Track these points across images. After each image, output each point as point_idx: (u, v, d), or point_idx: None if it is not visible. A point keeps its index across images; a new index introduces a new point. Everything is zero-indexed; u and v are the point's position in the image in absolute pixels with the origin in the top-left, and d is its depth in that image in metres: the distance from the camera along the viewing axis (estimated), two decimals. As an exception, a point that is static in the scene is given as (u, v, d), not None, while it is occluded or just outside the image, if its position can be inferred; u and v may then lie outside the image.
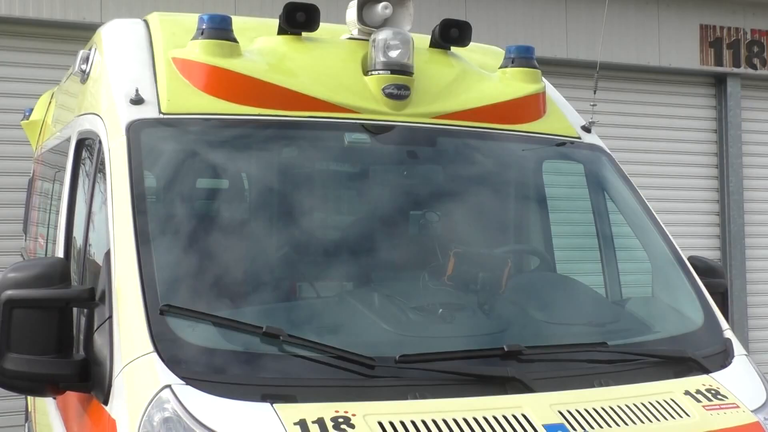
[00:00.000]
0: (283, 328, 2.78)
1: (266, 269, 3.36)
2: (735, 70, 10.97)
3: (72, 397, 3.21)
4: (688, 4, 10.78)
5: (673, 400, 2.93)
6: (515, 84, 3.91)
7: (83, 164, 3.95)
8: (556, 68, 9.01)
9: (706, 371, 3.16)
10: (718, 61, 10.92)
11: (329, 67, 3.61)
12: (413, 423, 2.56)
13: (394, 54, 3.52)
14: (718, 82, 11.10)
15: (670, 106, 10.87)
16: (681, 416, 2.87)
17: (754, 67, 11.08)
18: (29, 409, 5.92)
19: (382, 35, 3.54)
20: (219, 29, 3.45)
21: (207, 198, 3.64)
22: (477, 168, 3.83)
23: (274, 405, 2.54)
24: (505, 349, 2.92)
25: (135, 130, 3.24)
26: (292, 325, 2.99)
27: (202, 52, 3.43)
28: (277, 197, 3.59)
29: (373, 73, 3.54)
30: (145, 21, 3.91)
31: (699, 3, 10.83)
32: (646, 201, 3.94)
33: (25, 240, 7.24)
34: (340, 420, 2.52)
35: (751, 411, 3.02)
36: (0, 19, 8.09)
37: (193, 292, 2.97)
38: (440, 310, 3.26)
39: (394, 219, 3.72)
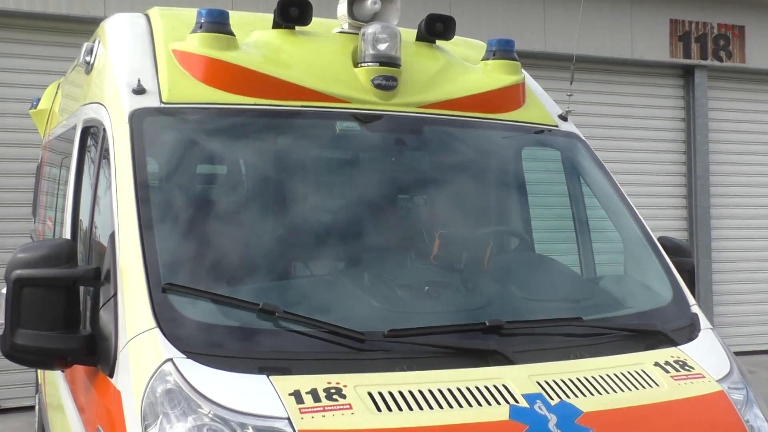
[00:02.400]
0: (279, 305, 2.78)
1: (262, 250, 3.35)
2: (702, 62, 11.00)
3: (79, 370, 3.20)
4: (659, 0, 10.77)
5: (643, 371, 2.95)
6: (496, 75, 3.90)
7: (88, 151, 3.93)
8: (534, 61, 9.01)
9: (675, 344, 3.18)
10: (687, 54, 10.94)
11: (321, 59, 3.59)
12: (401, 393, 2.57)
13: (382, 47, 3.50)
14: (687, 73, 11.13)
15: (641, 96, 10.90)
16: (651, 386, 2.89)
17: (720, 59, 11.11)
18: (39, 382, 5.92)
19: (371, 29, 3.52)
20: (217, 23, 3.43)
21: (206, 183, 3.63)
22: (461, 154, 3.82)
23: (270, 377, 2.55)
24: (487, 324, 2.92)
25: (137, 119, 3.22)
26: (287, 302, 2.98)
27: (200, 44, 3.41)
28: (273, 182, 3.58)
29: (362, 65, 3.53)
30: (147, 15, 3.87)
31: (669, -1, 10.84)
32: (618, 185, 3.95)
33: (34, 222, 7.21)
34: (332, 391, 2.53)
35: (716, 381, 3.04)
36: (8, 13, 8.04)
37: (193, 271, 2.96)
38: (426, 287, 3.26)
39: (383, 203, 3.71)
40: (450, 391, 2.62)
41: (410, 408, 2.53)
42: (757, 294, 11.33)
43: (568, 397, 2.70)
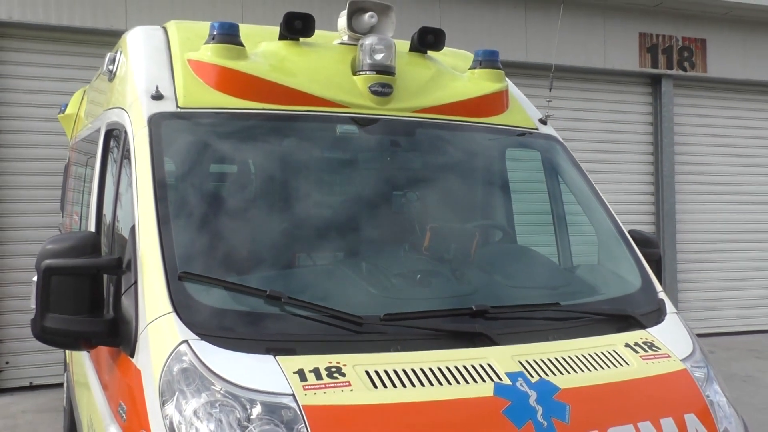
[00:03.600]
0: (284, 291, 2.76)
1: (270, 242, 3.34)
2: (669, 72, 11.01)
3: (103, 350, 3.20)
4: (629, 15, 10.78)
5: (615, 351, 2.95)
6: (482, 83, 3.89)
7: (111, 152, 3.91)
8: (517, 70, 8.99)
9: (643, 327, 3.17)
10: (655, 64, 10.95)
11: (323, 68, 3.57)
12: (395, 371, 2.57)
13: (378, 57, 3.49)
14: (654, 82, 11.13)
15: (613, 102, 10.92)
16: (621, 365, 2.89)
17: (685, 69, 11.12)
18: (67, 361, 5.91)
19: (369, 41, 3.51)
20: (228, 35, 3.41)
21: (218, 180, 3.61)
22: (450, 155, 3.81)
23: (276, 357, 2.54)
24: (474, 308, 2.91)
25: (156, 122, 3.21)
26: (291, 289, 2.96)
27: (213, 54, 3.39)
28: (279, 180, 3.57)
29: (360, 73, 3.52)
30: (164, 28, 3.86)
31: (638, 14, 10.84)
32: (593, 182, 3.95)
33: (62, 217, 7.19)
34: (333, 369, 2.52)
35: (680, 360, 3.04)
36: (38, 26, 8.02)
37: (206, 261, 2.95)
38: (418, 276, 3.26)
39: (379, 199, 3.71)
40: (440, 369, 2.61)
41: (404, 385, 2.52)
42: (718, 282, 11.36)
43: (546, 375, 2.70)
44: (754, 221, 11.61)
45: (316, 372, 2.50)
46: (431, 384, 2.55)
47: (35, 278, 2.78)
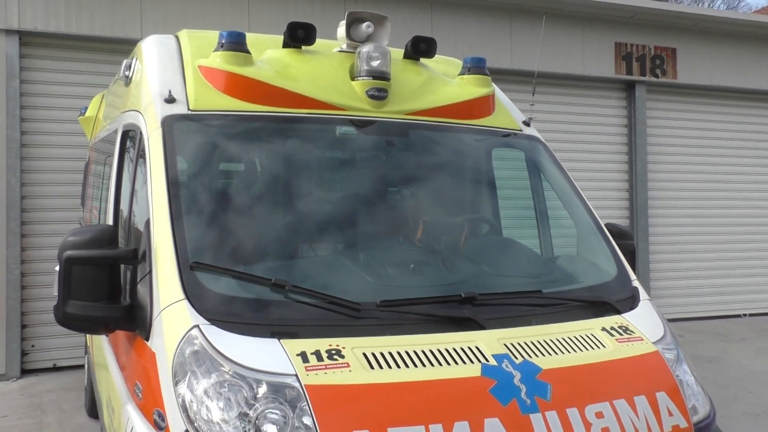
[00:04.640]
0: (288, 280, 2.76)
1: (274, 234, 3.33)
2: (642, 78, 11.01)
3: (120, 334, 3.19)
4: (606, 26, 10.78)
5: (592, 335, 2.95)
6: (471, 88, 3.89)
7: (128, 151, 3.90)
8: (502, 76, 8.99)
9: (618, 312, 3.18)
10: (629, 71, 10.94)
11: (323, 74, 3.56)
12: (390, 353, 2.57)
13: (375, 63, 3.49)
14: (629, 87, 11.13)
15: (591, 106, 10.91)
16: (598, 347, 2.89)
17: (656, 76, 11.12)
18: (88, 344, 5.90)
19: (366, 48, 3.50)
20: (235, 43, 3.40)
21: (226, 178, 3.60)
22: (440, 154, 3.81)
23: (280, 340, 2.54)
24: (463, 295, 2.91)
25: (169, 124, 3.20)
26: (295, 278, 2.96)
27: (222, 61, 3.38)
28: (283, 177, 3.56)
29: (358, 78, 3.51)
30: (176, 36, 3.84)
31: (614, 25, 10.83)
32: (572, 180, 3.95)
33: (82, 211, 7.17)
34: (333, 352, 2.52)
35: (652, 343, 3.04)
36: (61, 35, 7.97)
37: (215, 252, 2.94)
38: (412, 265, 3.25)
39: (375, 195, 3.70)
40: (432, 351, 2.61)
41: (398, 366, 2.52)
42: (686, 271, 11.38)
43: (530, 357, 2.70)
44: (719, 215, 11.64)
45: (318, 354, 2.49)
46: (424, 365, 2.55)
47: (57, 268, 2.77)
